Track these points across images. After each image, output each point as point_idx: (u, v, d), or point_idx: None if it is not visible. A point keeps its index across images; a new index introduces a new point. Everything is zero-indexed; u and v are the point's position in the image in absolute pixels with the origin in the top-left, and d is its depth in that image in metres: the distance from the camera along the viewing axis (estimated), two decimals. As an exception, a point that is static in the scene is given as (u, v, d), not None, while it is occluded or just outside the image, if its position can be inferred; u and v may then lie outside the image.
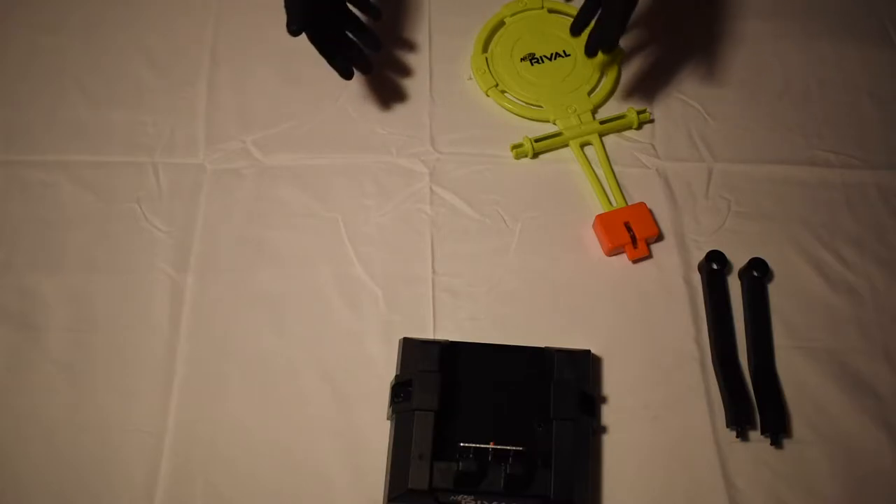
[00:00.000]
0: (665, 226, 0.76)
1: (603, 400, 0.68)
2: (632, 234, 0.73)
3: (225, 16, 0.86)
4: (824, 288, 0.74)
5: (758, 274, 0.72)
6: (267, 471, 0.65)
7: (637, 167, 0.79)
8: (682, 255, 0.75)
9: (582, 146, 0.79)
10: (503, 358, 0.67)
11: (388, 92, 0.82)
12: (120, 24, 0.85)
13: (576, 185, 0.78)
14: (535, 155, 0.79)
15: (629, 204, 0.76)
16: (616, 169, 0.79)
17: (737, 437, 0.67)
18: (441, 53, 0.84)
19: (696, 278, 0.74)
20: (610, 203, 0.76)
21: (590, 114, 0.80)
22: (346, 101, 0.81)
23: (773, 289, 0.73)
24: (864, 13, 0.89)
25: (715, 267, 0.72)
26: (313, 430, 0.66)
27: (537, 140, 0.78)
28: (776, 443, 0.66)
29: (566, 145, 0.80)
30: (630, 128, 0.81)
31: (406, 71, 0.83)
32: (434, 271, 0.73)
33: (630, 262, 0.74)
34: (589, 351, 0.68)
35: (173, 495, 0.63)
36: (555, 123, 0.80)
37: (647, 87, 0.83)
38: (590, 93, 0.82)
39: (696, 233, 0.76)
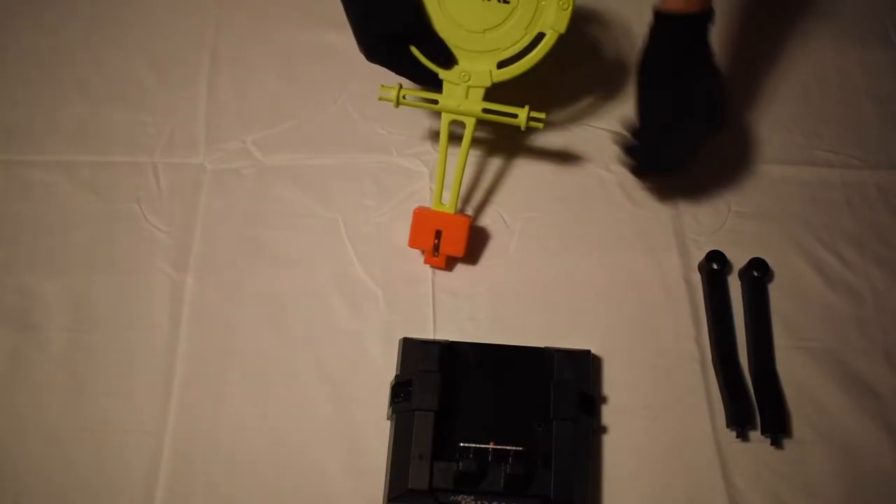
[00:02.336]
0: (665, 226, 0.76)
1: (603, 400, 0.68)
2: (438, 242, 0.70)
3: (225, 16, 0.86)
4: (824, 288, 0.74)
5: (758, 274, 0.72)
6: (267, 470, 0.65)
7: (637, 167, 0.79)
8: (682, 255, 0.75)
9: (453, 123, 0.70)
10: (503, 358, 0.67)
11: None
12: (120, 25, 0.85)
13: (575, 184, 0.78)
14: (399, 105, 0.70)
15: (457, 213, 0.71)
16: (616, 169, 0.79)
17: (737, 437, 0.67)
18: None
19: (696, 278, 0.74)
20: (441, 201, 0.71)
21: (482, 91, 0.69)
22: (346, 101, 0.81)
23: (773, 289, 0.73)
24: (863, 13, 0.89)
25: (715, 267, 0.72)
26: (313, 429, 0.66)
27: (406, 95, 0.70)
28: (776, 443, 0.66)
29: (439, 113, 0.70)
30: (516, 127, 0.70)
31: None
32: (434, 271, 0.73)
33: (629, 262, 0.74)
34: (589, 351, 0.68)
35: (173, 495, 0.63)
36: (440, 80, 0.69)
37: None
38: (500, 65, 0.69)
39: (696, 233, 0.76)
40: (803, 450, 0.67)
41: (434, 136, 0.80)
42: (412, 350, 0.67)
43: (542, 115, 0.69)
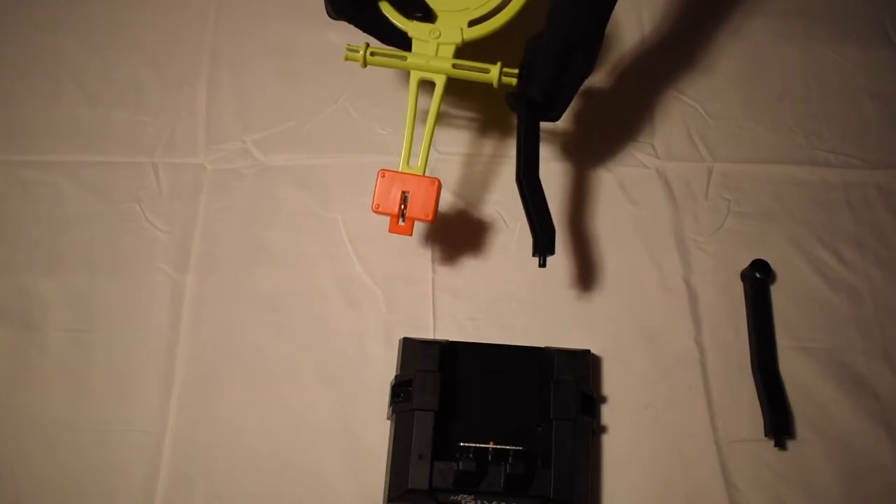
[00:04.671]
0: (665, 226, 0.76)
1: (603, 400, 0.68)
2: (404, 208, 0.64)
3: (225, 15, 0.86)
4: (824, 288, 0.74)
5: (760, 276, 0.72)
6: (267, 470, 0.65)
7: (636, 167, 0.79)
8: (683, 255, 0.75)
9: (423, 82, 0.67)
10: (503, 358, 0.67)
11: (388, 92, 0.82)
12: (120, 24, 0.85)
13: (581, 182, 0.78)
14: (366, 65, 0.68)
15: (426, 175, 0.65)
16: (616, 169, 0.79)
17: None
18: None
19: (696, 278, 0.74)
20: (408, 163, 0.66)
21: (452, 48, 0.67)
22: (346, 101, 0.81)
23: (773, 289, 0.73)
24: (863, 13, 0.89)
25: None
26: (313, 429, 0.66)
27: (374, 53, 0.67)
28: (780, 445, 0.66)
29: (408, 72, 0.68)
30: (489, 84, 0.67)
31: (406, 70, 0.83)
32: (434, 271, 0.73)
33: (629, 262, 0.74)
34: (589, 351, 0.68)
35: (173, 495, 0.64)
36: (409, 38, 0.67)
37: (646, 86, 0.83)
38: (471, 23, 0.67)
39: (696, 233, 0.76)
40: (804, 450, 0.67)
41: (434, 136, 0.79)
42: (412, 350, 0.67)
43: (515, 71, 0.67)
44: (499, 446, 0.63)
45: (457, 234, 0.75)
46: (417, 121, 0.66)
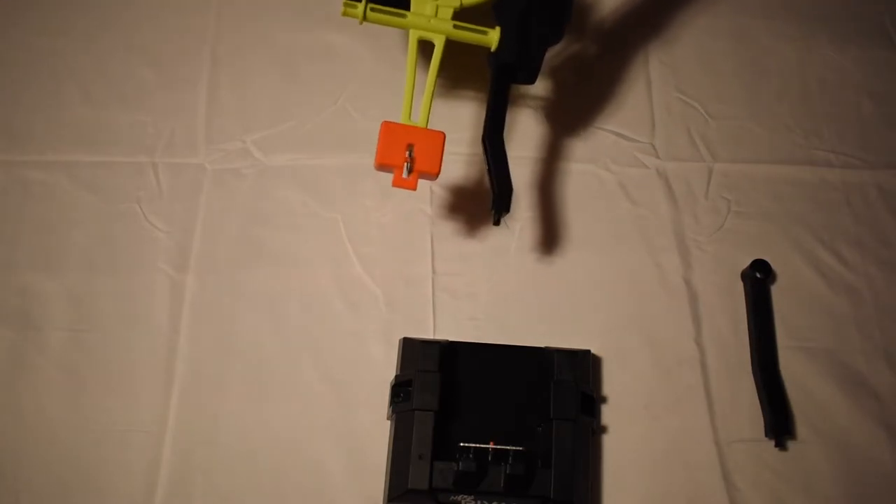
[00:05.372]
0: (665, 226, 0.76)
1: (603, 400, 0.68)
2: (410, 160, 0.63)
3: (225, 16, 0.85)
4: (824, 288, 0.74)
5: (760, 276, 0.72)
6: (267, 470, 0.65)
7: (637, 167, 0.79)
8: (683, 255, 0.75)
9: (422, 41, 0.67)
10: (503, 358, 0.67)
11: (387, 92, 0.82)
12: (120, 24, 0.85)
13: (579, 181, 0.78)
14: (363, 21, 0.67)
15: (430, 128, 0.65)
16: (616, 169, 0.79)
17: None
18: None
19: (696, 278, 0.74)
20: (410, 117, 0.65)
21: (451, 10, 0.68)
22: (346, 101, 0.81)
23: (773, 289, 0.73)
24: (863, 13, 0.89)
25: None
26: (313, 429, 0.66)
27: (374, 9, 0.66)
28: (781, 445, 0.66)
29: (407, 31, 0.68)
30: (486, 46, 0.68)
31: (406, 70, 0.83)
32: (434, 271, 0.73)
33: (629, 262, 0.74)
34: (589, 351, 0.68)
35: (173, 495, 0.64)
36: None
37: (646, 86, 0.83)
38: None
39: (696, 233, 0.76)
40: (803, 450, 0.67)
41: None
42: (412, 350, 0.67)
43: None
44: (499, 446, 0.63)
45: (457, 234, 0.75)
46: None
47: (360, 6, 0.66)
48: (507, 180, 0.66)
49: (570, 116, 0.81)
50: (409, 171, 0.63)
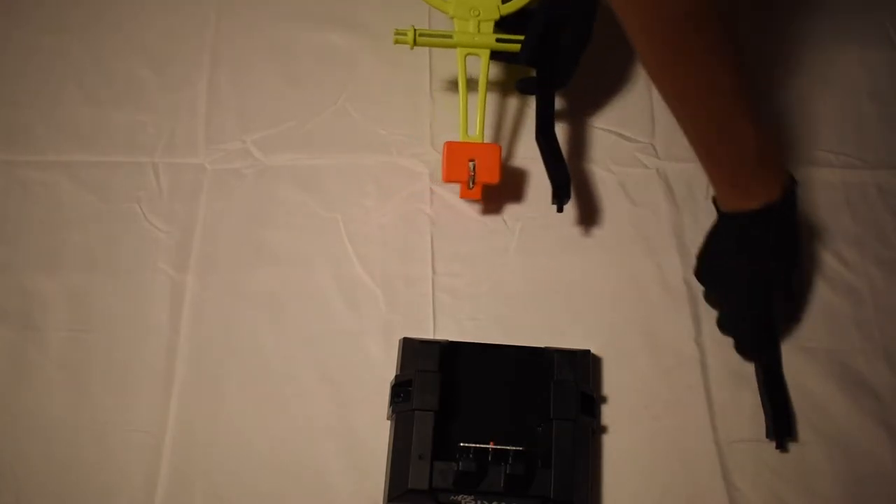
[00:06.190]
0: (665, 226, 0.76)
1: (603, 400, 0.68)
2: (473, 173, 0.70)
3: (225, 16, 0.86)
4: (824, 288, 0.74)
5: None
6: (267, 471, 0.65)
7: (637, 167, 0.79)
8: (682, 256, 0.75)
9: (468, 57, 0.73)
10: (503, 358, 0.67)
11: (388, 92, 0.82)
12: (120, 24, 0.85)
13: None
14: (414, 46, 0.73)
15: (486, 141, 0.73)
16: (616, 169, 0.79)
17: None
18: (442, 54, 0.84)
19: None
20: (467, 132, 0.72)
21: (492, 24, 0.74)
22: (346, 101, 0.81)
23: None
24: (863, 13, 0.89)
25: None
26: (313, 430, 0.66)
27: (422, 34, 0.73)
28: (782, 447, 0.66)
29: (454, 49, 0.74)
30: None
31: (406, 71, 0.83)
32: (434, 271, 0.73)
33: (629, 262, 0.74)
34: (589, 351, 0.68)
35: (173, 495, 0.63)
36: (452, 20, 0.75)
37: (647, 86, 0.83)
38: (504, 0, 0.75)
39: (696, 233, 0.76)
40: (804, 450, 0.67)
41: (434, 136, 0.80)
42: (412, 350, 0.67)
43: None
44: (499, 446, 0.63)
45: (457, 234, 0.75)
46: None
47: (410, 34, 0.72)
48: (562, 170, 0.71)
49: (570, 116, 0.82)
50: (473, 182, 0.70)
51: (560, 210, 0.71)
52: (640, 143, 0.80)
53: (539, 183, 0.78)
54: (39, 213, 0.74)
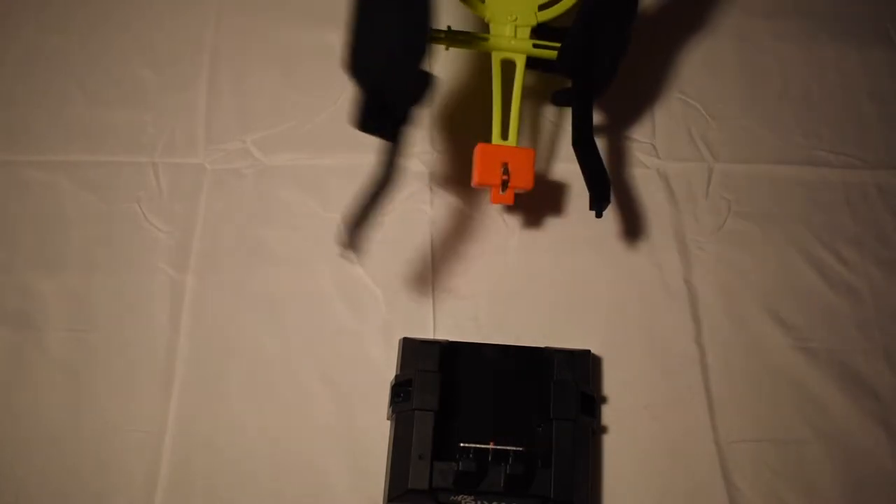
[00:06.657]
0: (665, 226, 0.76)
1: (603, 400, 0.68)
2: (506, 177, 0.67)
3: (225, 16, 0.86)
4: (824, 288, 0.74)
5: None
6: (267, 470, 0.65)
7: (637, 167, 0.79)
8: (682, 255, 0.75)
9: (503, 62, 0.71)
10: (503, 358, 0.67)
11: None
12: (120, 24, 0.85)
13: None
14: (449, 48, 0.73)
15: (520, 145, 0.70)
16: (616, 169, 0.79)
17: (597, 216, 0.68)
18: (442, 54, 0.84)
19: (697, 278, 0.74)
20: (501, 136, 0.70)
21: (528, 30, 0.72)
22: (346, 101, 0.81)
23: (773, 288, 0.73)
24: (863, 13, 0.89)
25: None
26: (313, 429, 0.66)
27: (457, 37, 0.72)
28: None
29: (488, 54, 0.72)
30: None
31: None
32: (434, 271, 0.73)
33: (629, 262, 0.74)
34: (589, 351, 0.68)
35: (173, 495, 0.64)
36: (488, 23, 0.73)
37: (647, 86, 0.83)
38: (541, 7, 0.73)
39: (696, 233, 0.76)
40: (803, 450, 0.67)
41: (434, 136, 0.80)
42: (412, 350, 0.67)
43: None
44: (499, 446, 0.63)
45: (457, 234, 0.75)
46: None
47: (446, 35, 0.71)
48: (600, 176, 0.69)
49: (570, 116, 0.81)
50: (505, 187, 0.67)
51: (599, 216, 0.69)
52: (640, 142, 0.80)
53: (539, 183, 0.78)
54: (39, 213, 0.74)
